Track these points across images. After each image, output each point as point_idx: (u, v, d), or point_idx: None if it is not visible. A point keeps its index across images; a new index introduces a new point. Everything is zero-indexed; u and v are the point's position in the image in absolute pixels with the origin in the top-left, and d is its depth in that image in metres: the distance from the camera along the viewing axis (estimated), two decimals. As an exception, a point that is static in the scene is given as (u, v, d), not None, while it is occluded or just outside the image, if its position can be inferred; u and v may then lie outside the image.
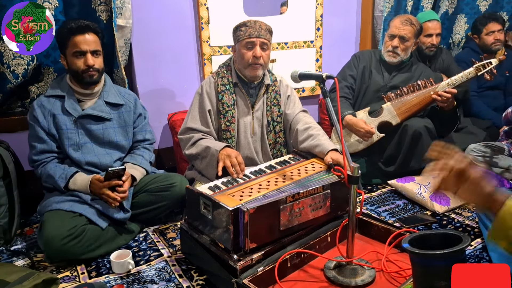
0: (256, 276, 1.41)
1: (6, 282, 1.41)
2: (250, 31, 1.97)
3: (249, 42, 1.98)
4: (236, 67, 2.09)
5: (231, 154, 1.86)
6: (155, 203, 2.00)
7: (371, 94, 2.63)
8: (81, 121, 1.94)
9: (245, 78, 2.08)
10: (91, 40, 1.89)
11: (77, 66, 1.89)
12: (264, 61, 2.02)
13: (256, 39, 1.97)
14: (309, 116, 2.15)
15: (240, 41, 2.00)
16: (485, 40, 3.05)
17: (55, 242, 1.68)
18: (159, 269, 1.73)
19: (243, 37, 1.98)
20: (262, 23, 2.01)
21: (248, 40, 1.97)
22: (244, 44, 1.99)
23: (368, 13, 3.10)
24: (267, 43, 2.01)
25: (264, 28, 2.00)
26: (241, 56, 2.01)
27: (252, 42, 1.97)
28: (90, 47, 1.88)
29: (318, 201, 1.64)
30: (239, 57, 2.02)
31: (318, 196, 1.63)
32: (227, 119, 2.06)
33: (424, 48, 2.89)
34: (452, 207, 2.20)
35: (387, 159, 2.54)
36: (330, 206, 1.69)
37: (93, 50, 1.89)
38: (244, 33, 1.98)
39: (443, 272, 0.99)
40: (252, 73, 2.03)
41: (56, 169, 1.89)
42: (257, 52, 1.98)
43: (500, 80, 3.04)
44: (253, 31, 1.97)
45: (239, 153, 1.90)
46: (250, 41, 1.97)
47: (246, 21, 2.00)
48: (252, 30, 1.97)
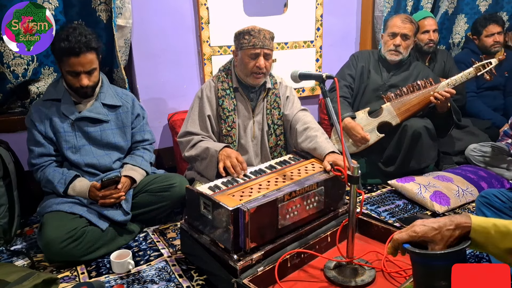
0: (256, 276, 1.41)
1: (6, 282, 1.41)
2: (255, 41, 1.94)
3: (253, 52, 1.95)
4: (237, 72, 2.08)
5: (231, 155, 1.85)
6: (155, 203, 2.00)
7: (370, 93, 2.64)
8: (78, 124, 1.94)
9: (246, 82, 2.08)
10: (86, 61, 1.81)
11: (71, 82, 1.86)
12: (267, 70, 2.02)
13: (261, 50, 1.95)
14: (308, 115, 2.14)
15: (244, 49, 1.97)
16: (485, 42, 3.04)
17: (55, 245, 1.68)
18: (159, 269, 1.73)
19: (246, 46, 1.96)
20: (265, 31, 1.98)
21: (252, 51, 1.95)
22: (248, 54, 1.97)
23: (368, 13, 3.10)
24: (270, 53, 2.00)
25: (268, 37, 1.98)
26: (244, 65, 1.99)
27: (257, 53, 1.95)
28: (84, 68, 1.82)
29: (313, 198, 1.66)
30: (242, 64, 2.01)
31: (313, 193, 1.65)
32: (228, 124, 2.06)
33: (423, 45, 2.89)
34: (452, 207, 2.20)
35: (387, 159, 2.54)
36: (324, 203, 1.71)
37: (87, 71, 1.84)
38: (248, 43, 1.95)
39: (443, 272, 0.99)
40: (254, 82, 2.03)
41: (54, 173, 1.88)
42: (261, 63, 1.96)
43: (499, 80, 3.04)
44: (257, 41, 1.94)
45: (239, 153, 1.90)
46: (254, 52, 1.95)
47: (250, 29, 1.96)
48: (257, 41, 1.94)
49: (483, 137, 2.78)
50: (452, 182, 2.33)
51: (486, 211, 1.73)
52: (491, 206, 1.71)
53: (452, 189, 2.27)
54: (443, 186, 2.28)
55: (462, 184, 2.33)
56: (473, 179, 2.39)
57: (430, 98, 2.38)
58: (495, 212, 1.70)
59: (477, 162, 2.63)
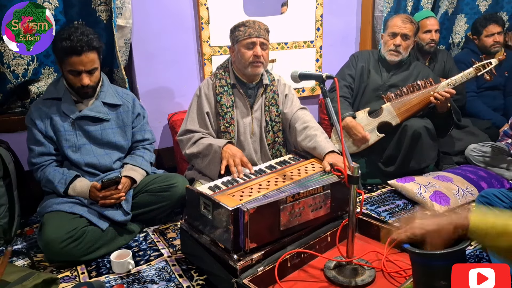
0: (256, 276, 1.41)
1: (6, 282, 1.41)
2: (250, 31, 1.97)
3: (249, 42, 1.98)
4: (235, 67, 2.09)
5: (236, 154, 1.86)
6: (155, 203, 2.00)
7: (370, 93, 2.64)
8: (78, 123, 1.94)
9: (244, 78, 2.08)
10: (88, 60, 1.81)
11: (72, 82, 1.87)
12: (265, 59, 2.03)
13: (256, 39, 1.98)
14: (307, 114, 2.14)
15: (240, 41, 2.00)
16: (485, 42, 3.04)
17: (55, 245, 1.68)
18: (159, 269, 1.73)
19: (242, 37, 1.99)
20: (260, 23, 2.02)
21: (248, 40, 1.98)
22: (244, 44, 1.99)
23: (368, 13, 3.10)
24: (266, 43, 2.03)
25: (263, 28, 2.02)
26: (241, 56, 2.00)
27: (253, 42, 1.98)
28: (86, 68, 1.82)
29: (319, 201, 1.64)
30: (239, 57, 2.02)
31: (319, 196, 1.64)
32: (226, 121, 2.06)
33: (424, 45, 2.89)
34: (452, 207, 2.20)
35: (387, 159, 2.54)
36: (330, 206, 1.69)
37: (88, 70, 1.84)
38: (244, 33, 1.98)
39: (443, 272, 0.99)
40: (253, 71, 2.03)
41: (55, 173, 1.88)
42: (258, 51, 1.98)
43: (499, 80, 3.04)
44: (252, 31, 1.98)
45: (243, 154, 1.90)
46: (250, 41, 1.98)
47: (245, 21, 2.01)
48: (252, 30, 1.98)
49: (483, 137, 2.78)
50: (452, 182, 2.33)
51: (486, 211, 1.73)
52: (492, 206, 1.71)
53: (452, 189, 2.27)
54: (443, 186, 2.28)
55: (462, 184, 2.33)
56: (473, 179, 2.39)
57: (430, 98, 2.38)
58: None
59: (477, 162, 2.63)
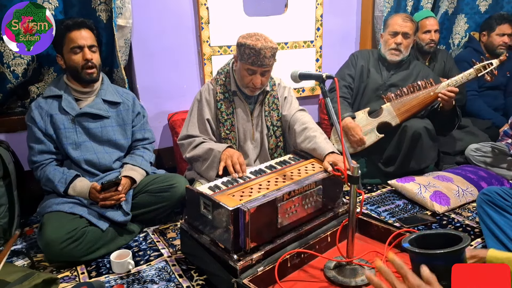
0: (256, 276, 1.41)
1: (6, 282, 1.41)
2: (254, 59, 1.88)
3: (250, 69, 1.92)
4: (237, 76, 2.05)
5: (233, 155, 1.86)
6: (155, 203, 2.00)
7: (370, 93, 2.64)
8: (78, 120, 1.94)
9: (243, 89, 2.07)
10: (87, 35, 1.91)
11: (76, 62, 1.90)
12: (263, 85, 2.00)
13: (258, 68, 1.92)
14: (306, 115, 2.13)
15: (243, 62, 1.93)
16: (494, 40, 3.00)
17: (55, 245, 1.68)
18: (159, 269, 1.73)
19: (245, 61, 1.91)
20: (267, 50, 1.87)
21: (250, 67, 1.92)
22: (245, 68, 1.94)
23: (368, 13, 3.10)
24: (268, 70, 1.97)
25: (269, 55, 1.90)
26: (241, 75, 1.98)
27: (254, 70, 1.93)
28: (87, 42, 1.90)
29: (312, 197, 1.67)
30: (239, 74, 1.99)
31: (312, 192, 1.66)
32: (227, 128, 2.06)
33: (424, 45, 2.89)
34: (452, 207, 2.20)
35: (386, 159, 2.54)
36: (322, 201, 1.72)
37: (89, 45, 1.91)
38: (248, 58, 1.89)
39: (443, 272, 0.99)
40: (249, 93, 2.03)
41: (55, 172, 1.88)
42: (257, 81, 1.94)
43: (500, 80, 3.04)
44: (256, 60, 1.88)
45: (241, 154, 1.90)
46: (252, 69, 1.92)
47: (253, 45, 1.85)
48: (256, 60, 1.88)
49: (483, 137, 2.78)
50: (452, 182, 2.32)
51: (487, 208, 1.72)
52: (493, 204, 1.71)
53: (452, 189, 2.27)
54: (443, 186, 2.28)
55: (462, 184, 2.33)
56: (473, 179, 2.39)
57: (439, 95, 2.36)
58: (497, 210, 1.70)
59: (477, 162, 2.63)
